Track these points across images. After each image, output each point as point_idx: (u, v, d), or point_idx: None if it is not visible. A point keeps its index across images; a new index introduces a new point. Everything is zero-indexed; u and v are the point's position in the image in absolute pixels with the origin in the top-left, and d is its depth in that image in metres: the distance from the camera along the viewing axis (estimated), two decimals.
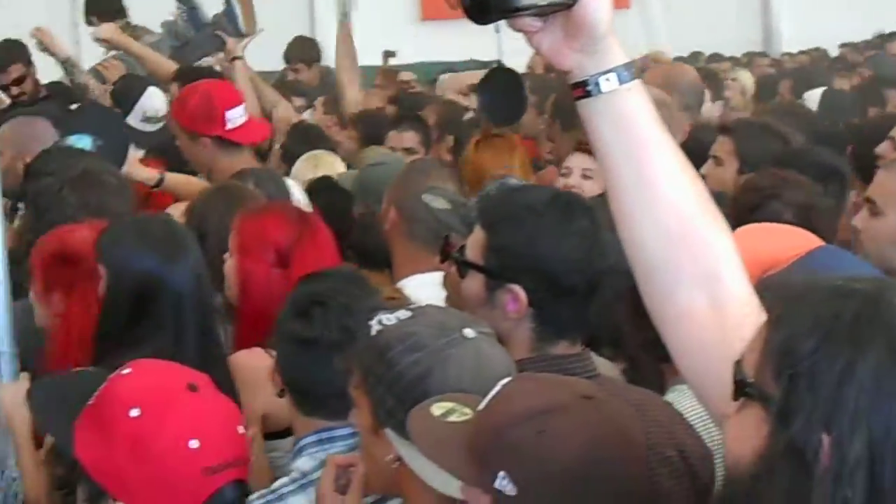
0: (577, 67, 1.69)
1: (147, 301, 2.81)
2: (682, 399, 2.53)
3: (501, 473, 1.62)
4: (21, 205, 4.01)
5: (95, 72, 6.12)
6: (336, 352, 2.22)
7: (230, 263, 3.13)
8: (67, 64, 6.14)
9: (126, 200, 3.77)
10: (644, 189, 1.68)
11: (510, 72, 1.98)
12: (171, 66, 5.90)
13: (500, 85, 1.95)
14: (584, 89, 1.69)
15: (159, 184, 4.40)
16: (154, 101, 5.46)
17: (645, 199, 1.67)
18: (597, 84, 1.68)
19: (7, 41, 6.58)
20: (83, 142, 4.27)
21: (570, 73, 1.70)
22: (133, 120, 5.36)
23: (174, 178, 4.52)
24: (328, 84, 7.96)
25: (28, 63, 6.45)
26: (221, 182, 4.00)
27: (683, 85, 5.03)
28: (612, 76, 1.68)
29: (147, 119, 5.41)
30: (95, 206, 3.49)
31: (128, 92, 5.51)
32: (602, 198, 2.03)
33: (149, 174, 4.59)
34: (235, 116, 4.39)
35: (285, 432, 2.72)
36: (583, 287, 2.36)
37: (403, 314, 2.12)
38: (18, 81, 6.42)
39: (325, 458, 2.40)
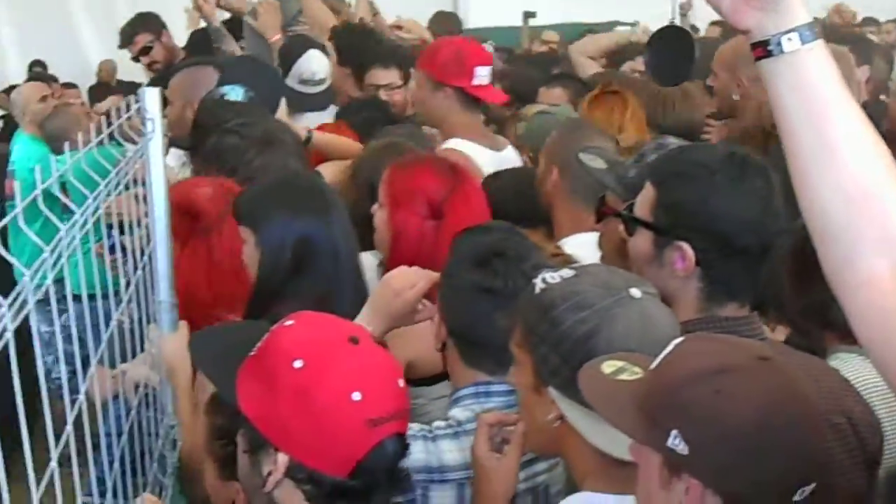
0: (757, 27, 1.63)
1: (305, 260, 2.83)
2: (843, 367, 2.47)
3: (674, 432, 1.59)
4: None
5: (253, 10, 6.14)
6: (513, 303, 2.19)
7: (381, 215, 3.13)
8: (217, 33, 6.20)
9: (303, 161, 3.82)
10: (825, 153, 1.62)
11: (681, 31, 1.92)
12: (329, 19, 5.93)
13: (669, 44, 1.90)
14: (764, 49, 1.63)
15: (307, 141, 4.42)
16: (312, 63, 5.47)
17: (825, 163, 1.61)
18: (778, 44, 1.62)
19: (137, 14, 6.69)
20: (235, 93, 4.30)
21: (750, 32, 1.64)
22: (291, 81, 5.39)
23: (322, 137, 4.54)
24: None
25: (156, 31, 6.52)
26: (387, 139, 4.02)
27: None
28: (795, 36, 1.62)
29: (303, 81, 5.43)
30: (277, 167, 3.52)
31: (288, 52, 5.53)
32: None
33: (297, 130, 4.63)
34: (482, 75, 4.43)
35: (430, 380, 2.73)
36: (755, 248, 2.30)
37: (567, 273, 2.09)
38: (145, 51, 6.51)
39: (479, 411, 2.41)
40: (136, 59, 6.53)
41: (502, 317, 2.30)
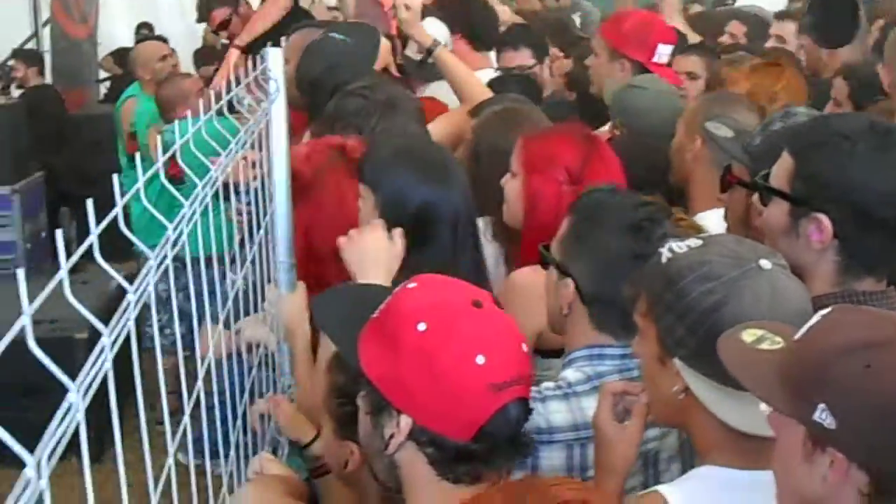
0: None
1: (426, 226, 2.83)
2: None
3: (821, 406, 1.54)
4: None
5: None
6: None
7: (514, 184, 3.10)
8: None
9: (423, 127, 3.81)
10: None
11: None
12: None
13: (832, 4, 1.84)
14: None
15: (430, 53, 4.41)
16: (431, 31, 5.46)
17: None
18: None
19: None
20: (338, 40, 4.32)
21: None
22: (410, 51, 5.38)
23: (447, 55, 4.50)
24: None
25: (233, 4, 6.55)
26: (502, 105, 3.99)
27: None
28: None
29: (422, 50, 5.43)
30: (399, 131, 3.53)
31: None
32: None
33: (424, 38, 4.60)
34: (664, 52, 4.40)
35: (561, 351, 2.71)
36: (894, 221, 2.23)
37: (695, 242, 2.05)
38: (224, 25, 6.54)
39: (591, 373, 2.40)
40: (215, 33, 6.57)
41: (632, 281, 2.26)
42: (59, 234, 1.24)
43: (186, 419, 1.76)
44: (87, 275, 5.97)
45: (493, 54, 5.41)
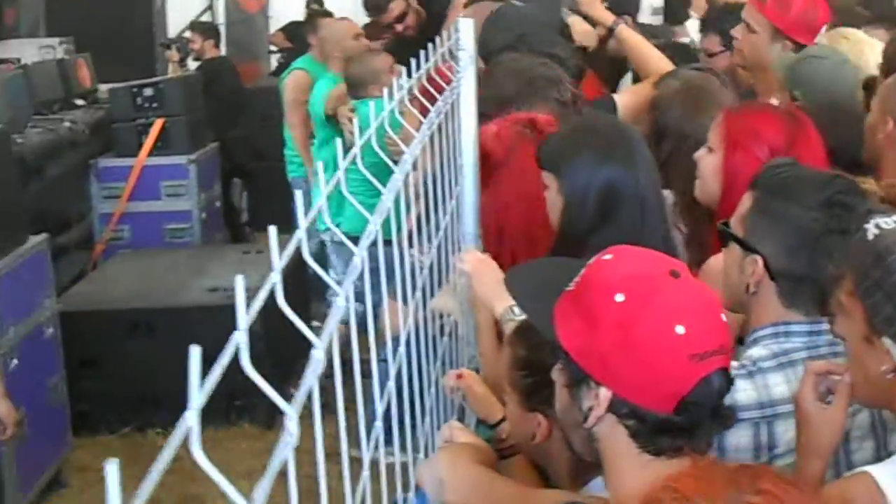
0: None
1: (609, 209, 2.80)
2: None
3: None
4: None
5: None
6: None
7: (710, 160, 3.04)
8: None
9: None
10: None
11: None
12: None
13: None
14: None
15: (611, 31, 4.37)
16: None
17: None
18: None
19: None
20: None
21: None
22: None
23: (628, 31, 4.45)
24: None
25: None
26: (682, 80, 3.92)
27: None
28: None
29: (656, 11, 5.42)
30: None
31: None
32: None
33: (605, 15, 4.55)
34: (822, 32, 4.32)
35: None
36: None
37: None
38: (400, 18, 6.53)
39: (777, 351, 2.35)
40: (389, 26, 6.57)
41: (837, 259, 2.21)
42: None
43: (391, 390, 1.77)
44: (259, 245, 6.09)
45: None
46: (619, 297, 1.77)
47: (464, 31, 2.88)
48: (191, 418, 0.90)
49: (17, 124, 6.99)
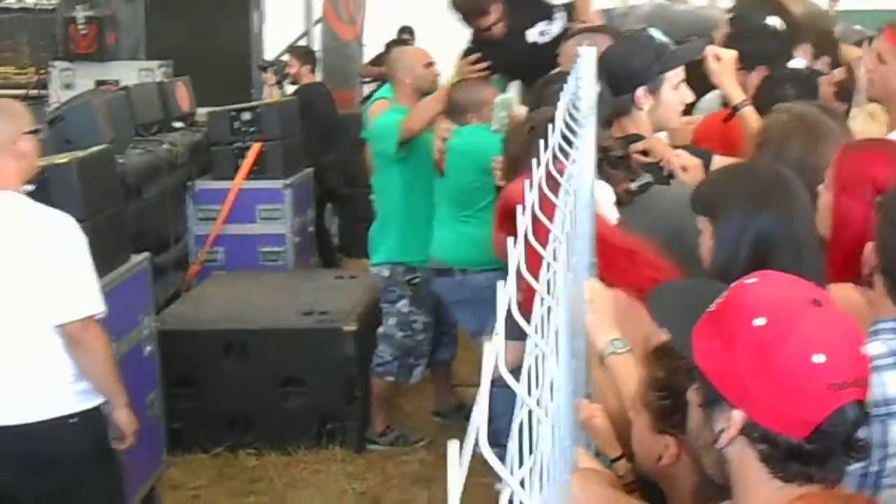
0: None
1: (763, 258, 2.74)
2: None
3: None
4: None
5: None
6: None
7: (826, 197, 3.00)
8: None
9: None
10: None
11: None
12: None
13: None
14: None
15: (736, 110, 4.30)
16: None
17: None
18: None
19: None
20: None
21: None
22: None
23: (753, 116, 4.36)
24: None
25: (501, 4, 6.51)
26: (795, 110, 3.86)
27: None
28: None
29: None
30: None
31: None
32: None
33: (735, 92, 4.47)
34: None
35: None
36: None
37: None
38: (496, 23, 6.50)
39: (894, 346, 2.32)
40: (485, 30, 6.51)
41: None
42: None
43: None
44: (351, 270, 6.09)
45: None
46: (760, 321, 1.77)
47: (585, 59, 2.87)
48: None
49: (119, 145, 7.10)
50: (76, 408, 3.99)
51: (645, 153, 3.90)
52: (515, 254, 1.46)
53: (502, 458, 1.04)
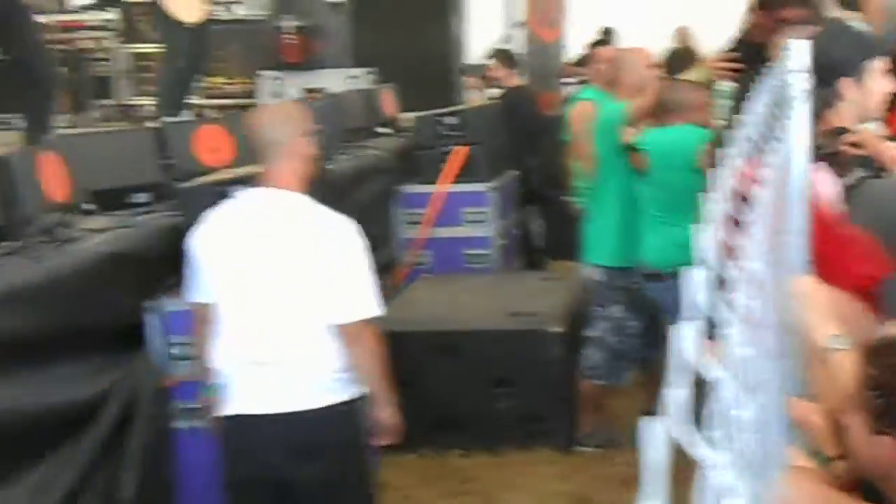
0: None
1: None
2: None
3: None
4: None
5: None
6: None
7: None
8: None
9: None
10: None
11: None
12: None
13: None
14: None
15: None
16: None
17: None
18: None
19: None
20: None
21: None
22: None
23: None
24: None
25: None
26: None
27: None
28: None
29: None
30: None
31: None
32: None
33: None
34: None
35: None
36: None
37: None
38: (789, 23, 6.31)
39: None
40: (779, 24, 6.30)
41: None
42: None
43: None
44: (556, 272, 6.08)
45: None
46: None
47: (797, 51, 2.80)
48: None
49: (328, 151, 7.24)
50: (343, 397, 4.15)
51: (855, 145, 3.79)
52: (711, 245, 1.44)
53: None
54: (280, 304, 4.09)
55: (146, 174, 6.10)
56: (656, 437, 0.88)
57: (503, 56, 10.32)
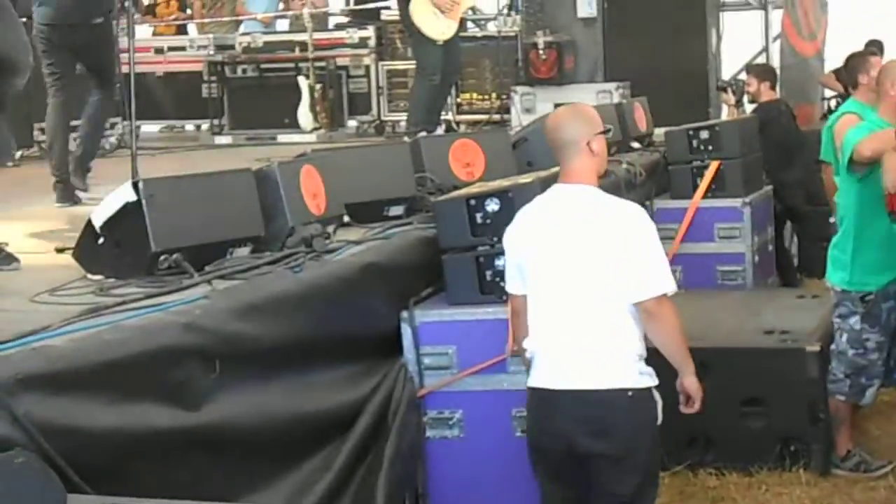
0: None
1: None
2: None
3: None
4: None
5: None
6: None
7: None
8: None
9: None
10: None
11: None
12: None
13: None
14: None
15: None
16: None
17: None
18: None
19: None
20: None
21: None
22: None
23: None
24: None
25: None
26: None
27: None
28: None
29: None
30: None
31: None
32: None
33: None
34: None
35: None
36: None
37: None
38: None
39: None
40: None
41: None
42: None
43: None
44: (812, 290, 5.92)
45: None
46: None
47: None
48: None
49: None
50: (634, 384, 4.41)
51: None
52: None
53: None
54: (583, 288, 4.42)
55: (401, 188, 6.22)
56: None
57: (759, 70, 10.13)
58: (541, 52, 10.94)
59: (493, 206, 5.36)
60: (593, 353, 4.41)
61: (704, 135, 8.54)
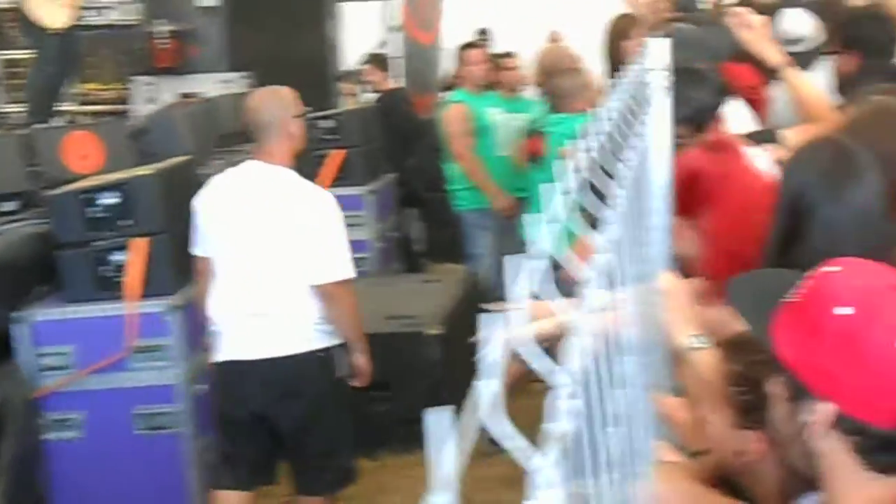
0: None
1: (801, 226, 2.69)
2: None
3: None
4: None
5: None
6: None
7: None
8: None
9: None
10: None
11: None
12: None
13: None
14: None
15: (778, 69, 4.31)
16: (785, 22, 5.32)
17: None
18: None
19: None
20: None
21: None
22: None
23: (795, 73, 4.35)
24: None
25: None
26: (876, 100, 3.77)
27: None
28: None
29: (787, 41, 5.27)
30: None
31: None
32: None
33: (772, 55, 4.46)
34: None
35: None
36: None
37: None
38: None
39: None
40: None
41: None
42: None
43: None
44: (436, 275, 6.07)
45: None
46: (846, 310, 1.72)
47: (654, 50, 2.80)
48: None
49: (201, 156, 7.16)
50: (319, 345, 4.72)
51: None
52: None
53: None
54: (266, 263, 4.63)
55: (14, 182, 5.98)
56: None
57: (377, 60, 10.30)
58: (162, 41, 10.75)
59: (108, 199, 5.24)
60: (278, 323, 4.63)
61: (326, 123, 8.60)
